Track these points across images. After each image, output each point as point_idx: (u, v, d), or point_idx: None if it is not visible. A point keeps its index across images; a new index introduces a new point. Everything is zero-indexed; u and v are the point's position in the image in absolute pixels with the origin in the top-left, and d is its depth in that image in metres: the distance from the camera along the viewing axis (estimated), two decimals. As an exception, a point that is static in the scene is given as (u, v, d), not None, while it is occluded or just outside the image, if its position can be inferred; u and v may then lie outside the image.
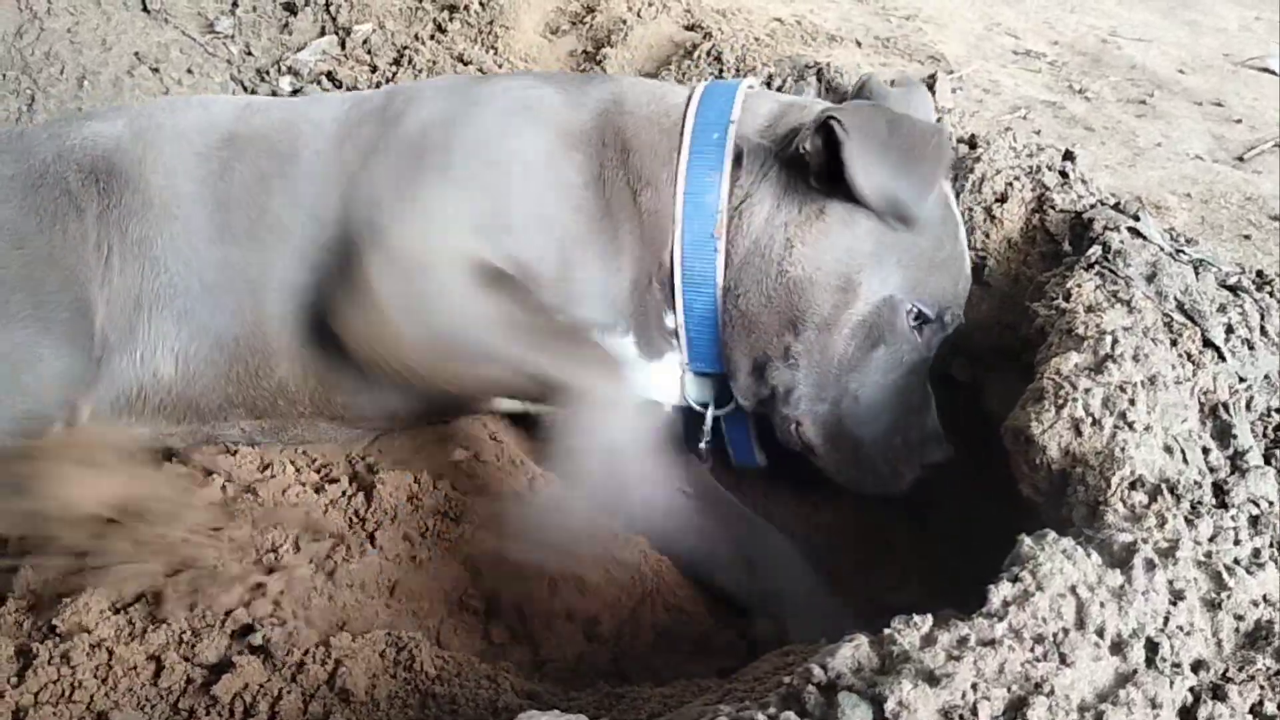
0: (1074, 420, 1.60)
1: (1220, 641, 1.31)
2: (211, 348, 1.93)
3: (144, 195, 1.94)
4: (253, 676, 1.51)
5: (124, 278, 1.90)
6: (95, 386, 1.88)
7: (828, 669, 1.18)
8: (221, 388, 1.95)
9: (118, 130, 2.02)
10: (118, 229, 1.92)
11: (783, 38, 3.36)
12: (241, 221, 1.93)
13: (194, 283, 1.92)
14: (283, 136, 2.00)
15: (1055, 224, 2.16)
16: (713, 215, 1.92)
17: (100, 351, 1.87)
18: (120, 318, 1.90)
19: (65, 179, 1.92)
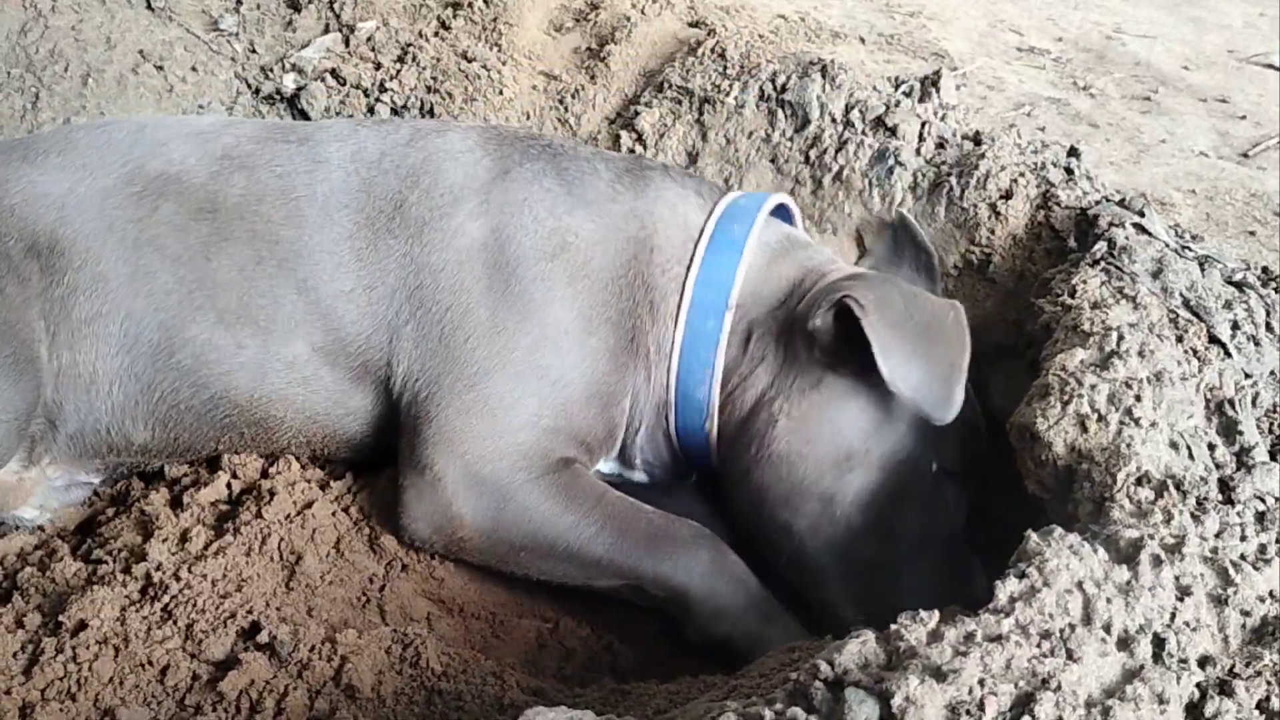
0: (1080, 416, 1.60)
1: (1227, 637, 1.31)
2: (196, 419, 1.85)
3: (94, 269, 1.80)
4: (259, 673, 1.52)
5: (74, 354, 1.79)
6: (53, 441, 1.83)
7: (835, 665, 1.18)
8: (209, 444, 1.90)
9: (60, 191, 1.84)
10: (62, 307, 1.79)
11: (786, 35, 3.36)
12: (232, 305, 1.82)
13: (169, 364, 1.82)
14: (279, 215, 1.86)
15: (1060, 220, 2.15)
16: (702, 408, 1.89)
17: (54, 414, 1.81)
18: (74, 391, 1.81)
19: (4, 242, 1.79)
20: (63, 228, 1.82)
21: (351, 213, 1.88)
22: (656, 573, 1.78)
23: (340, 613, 1.68)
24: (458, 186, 1.91)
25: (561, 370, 1.84)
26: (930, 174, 2.34)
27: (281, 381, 1.85)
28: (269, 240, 1.85)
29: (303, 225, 1.86)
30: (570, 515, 1.79)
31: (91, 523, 1.89)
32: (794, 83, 2.63)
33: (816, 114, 2.55)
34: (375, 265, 1.86)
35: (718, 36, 2.91)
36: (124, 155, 1.90)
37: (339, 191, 1.89)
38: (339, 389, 1.87)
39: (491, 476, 1.78)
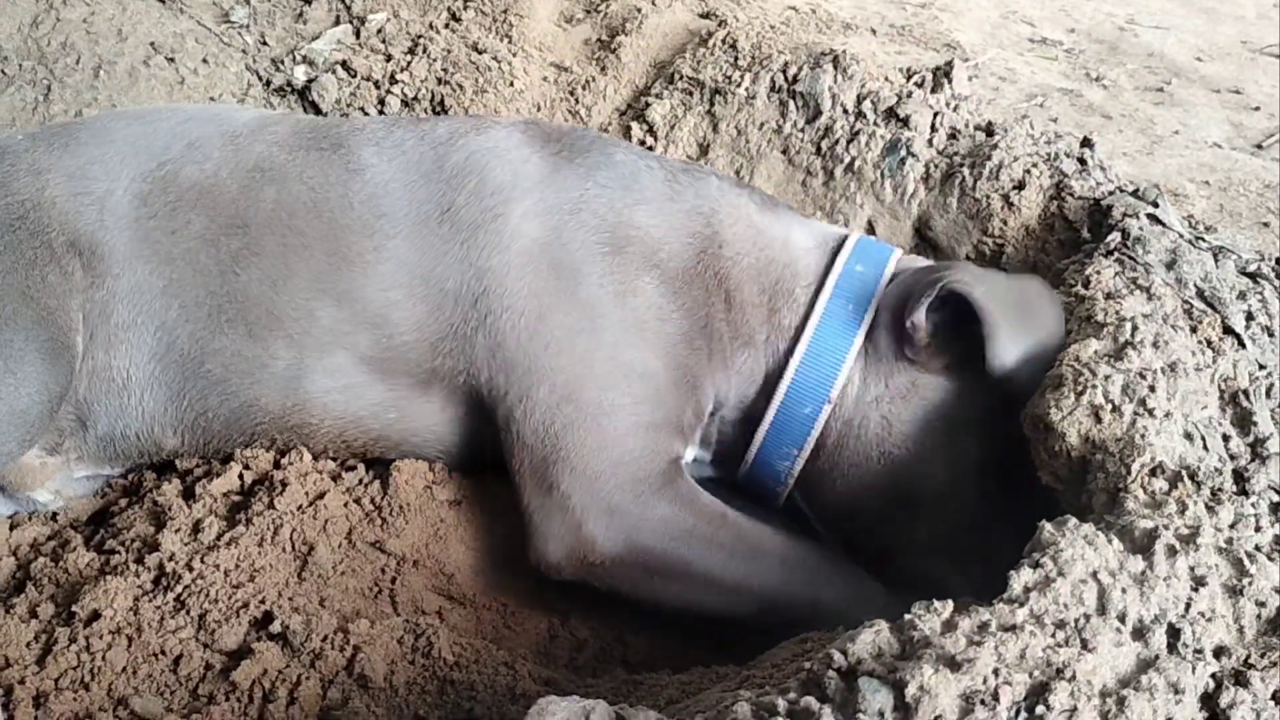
0: (1094, 407, 1.59)
1: (1242, 628, 1.30)
2: (225, 426, 1.85)
3: (131, 279, 1.81)
4: (271, 663, 1.52)
5: (109, 358, 1.80)
6: (82, 438, 1.84)
7: (848, 654, 1.18)
8: (243, 446, 1.89)
9: (100, 193, 1.84)
10: (101, 310, 1.80)
11: (797, 26, 3.35)
12: (263, 318, 1.80)
13: (199, 373, 1.82)
14: (312, 228, 1.83)
15: (1074, 211, 2.15)
16: (810, 424, 1.83)
17: (83, 414, 1.82)
18: (105, 395, 1.81)
19: (47, 233, 1.80)
20: (103, 233, 1.82)
21: (392, 220, 1.84)
22: (795, 599, 1.73)
23: (352, 603, 1.68)
24: (507, 186, 1.87)
25: (645, 361, 1.81)
26: (943, 165, 2.34)
27: (319, 390, 1.84)
28: (302, 253, 1.82)
29: (339, 236, 1.83)
30: (700, 534, 1.75)
31: (104, 513, 1.90)
32: (805, 74, 2.62)
33: (828, 105, 2.54)
34: (428, 272, 1.82)
35: (729, 28, 2.90)
36: (160, 156, 1.89)
37: (377, 199, 1.86)
38: (394, 396, 1.85)
39: (616, 496, 1.74)
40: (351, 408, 1.86)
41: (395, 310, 1.82)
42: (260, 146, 1.91)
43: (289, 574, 1.68)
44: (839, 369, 1.83)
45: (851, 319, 1.86)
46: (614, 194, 1.89)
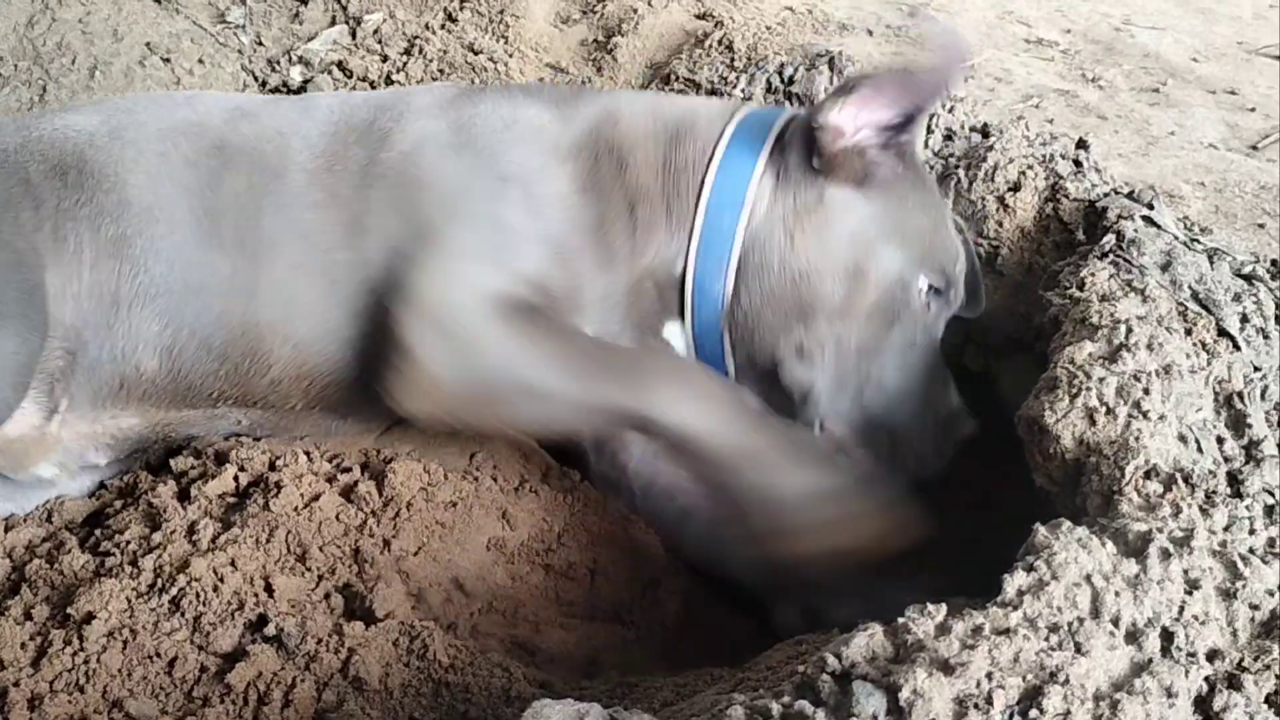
0: (1088, 409, 1.60)
1: (1235, 631, 1.31)
2: (198, 347, 1.89)
3: (120, 194, 1.88)
4: (266, 665, 1.52)
5: (96, 274, 1.85)
6: (71, 376, 1.86)
7: (842, 658, 1.18)
8: (211, 383, 1.93)
9: (92, 125, 1.96)
10: (88, 226, 1.86)
11: (794, 26, 3.35)
12: (230, 231, 1.89)
13: (177, 284, 1.87)
14: (272, 149, 1.96)
15: (1069, 213, 2.15)
16: (731, 232, 1.91)
17: (73, 344, 1.84)
18: (94, 314, 1.85)
19: (25, 168, 1.88)
20: (91, 150, 1.92)
21: (326, 139, 1.97)
22: (641, 400, 1.75)
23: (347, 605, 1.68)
24: (421, 105, 2.02)
25: (509, 215, 1.89)
26: (938, 166, 2.34)
27: (266, 304, 1.89)
28: (261, 169, 1.93)
29: (286, 154, 1.95)
30: (541, 349, 1.78)
31: (99, 515, 1.90)
32: (801, 75, 2.63)
33: (824, 106, 2.54)
34: (342, 174, 1.93)
35: (725, 28, 2.91)
36: (158, 105, 2.07)
37: (321, 123, 2.00)
38: (320, 307, 1.89)
39: (453, 322, 1.79)
40: (293, 327, 1.90)
41: (313, 212, 1.90)
42: (242, 98, 2.17)
43: (284, 576, 1.68)
44: (750, 174, 1.93)
45: (755, 139, 1.96)
46: (515, 97, 2.06)
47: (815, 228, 1.90)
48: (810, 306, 1.89)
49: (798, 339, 1.91)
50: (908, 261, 1.91)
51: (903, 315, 1.92)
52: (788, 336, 1.91)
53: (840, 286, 1.88)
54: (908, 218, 1.93)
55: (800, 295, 1.89)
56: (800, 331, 1.90)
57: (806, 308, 1.89)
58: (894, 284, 1.90)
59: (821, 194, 1.90)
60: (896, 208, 1.93)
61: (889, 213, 1.91)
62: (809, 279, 1.89)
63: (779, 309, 1.90)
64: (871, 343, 1.91)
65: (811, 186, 1.91)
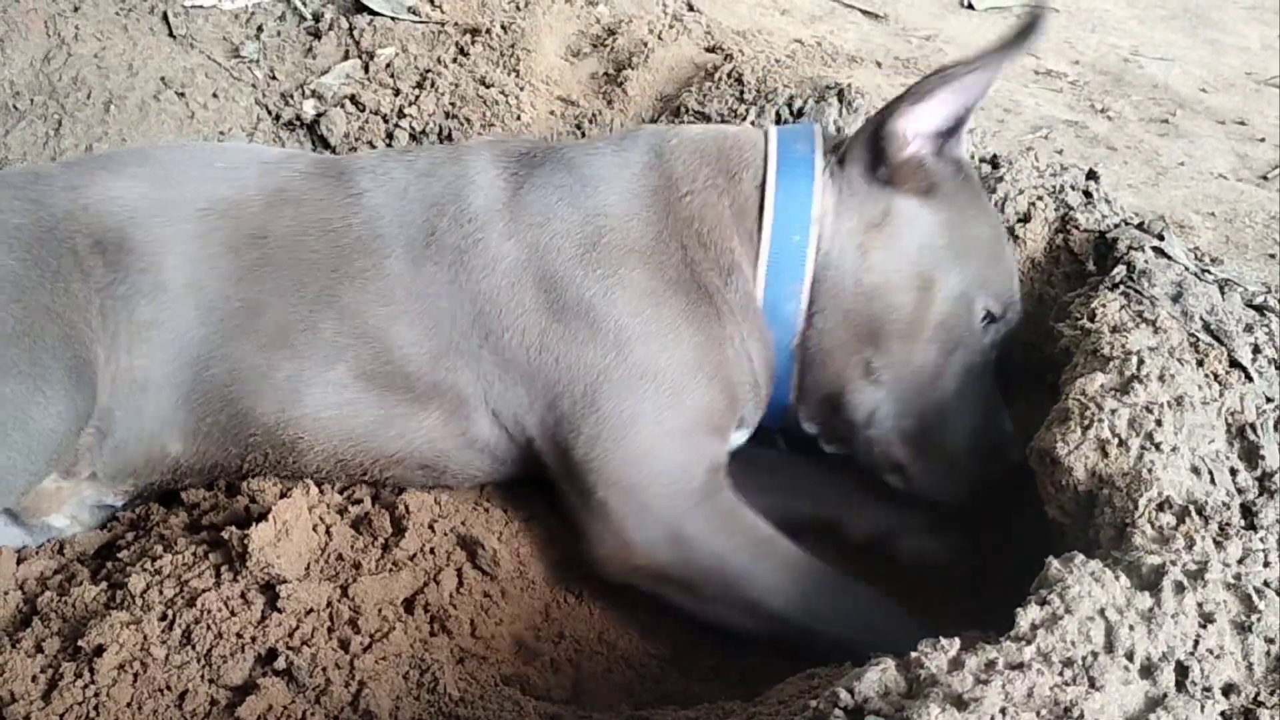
0: (1100, 441, 1.59)
1: (1251, 665, 1.30)
2: (224, 435, 1.86)
3: (156, 278, 1.84)
4: (276, 699, 1.51)
5: (131, 358, 1.82)
6: (97, 451, 1.84)
7: (854, 693, 1.17)
8: (237, 464, 1.90)
9: (135, 196, 1.90)
10: (125, 307, 1.82)
11: (803, 59, 3.37)
12: (271, 328, 1.84)
13: (207, 376, 1.83)
14: (320, 244, 1.89)
15: (1079, 244, 2.15)
16: (801, 251, 1.89)
17: (104, 423, 1.82)
18: (127, 396, 1.82)
19: (73, 240, 1.83)
20: (132, 228, 1.86)
21: (386, 241, 1.90)
22: (835, 635, 1.73)
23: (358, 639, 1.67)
24: (481, 211, 1.92)
25: (654, 359, 1.83)
26: (948, 198, 2.33)
27: (315, 405, 1.85)
28: (311, 267, 1.87)
29: (341, 254, 1.88)
30: (740, 558, 1.78)
31: (110, 547, 1.90)
32: (811, 107, 2.64)
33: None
34: (422, 292, 1.87)
35: (734, 61, 2.92)
36: (199, 173, 1.97)
37: (372, 221, 1.92)
38: (391, 411, 1.87)
39: (652, 504, 1.79)
40: (347, 424, 1.87)
41: (393, 325, 1.85)
42: (285, 173, 2.00)
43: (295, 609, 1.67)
44: (810, 189, 1.90)
45: (804, 153, 1.94)
46: (573, 192, 1.94)
47: (886, 241, 1.88)
48: (881, 323, 1.88)
49: (866, 358, 1.90)
50: (970, 279, 1.90)
51: (965, 337, 1.91)
52: (858, 357, 1.90)
53: (910, 299, 1.87)
54: (970, 230, 1.93)
55: (874, 311, 1.88)
56: (870, 350, 1.89)
57: (878, 325, 1.88)
58: (958, 300, 1.89)
59: (889, 206, 1.89)
60: (959, 218, 1.92)
61: (953, 224, 1.90)
62: (882, 294, 1.87)
63: (851, 327, 1.89)
64: (935, 363, 1.91)
65: (878, 199, 1.89)
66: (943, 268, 1.89)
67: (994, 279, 1.94)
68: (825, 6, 4.33)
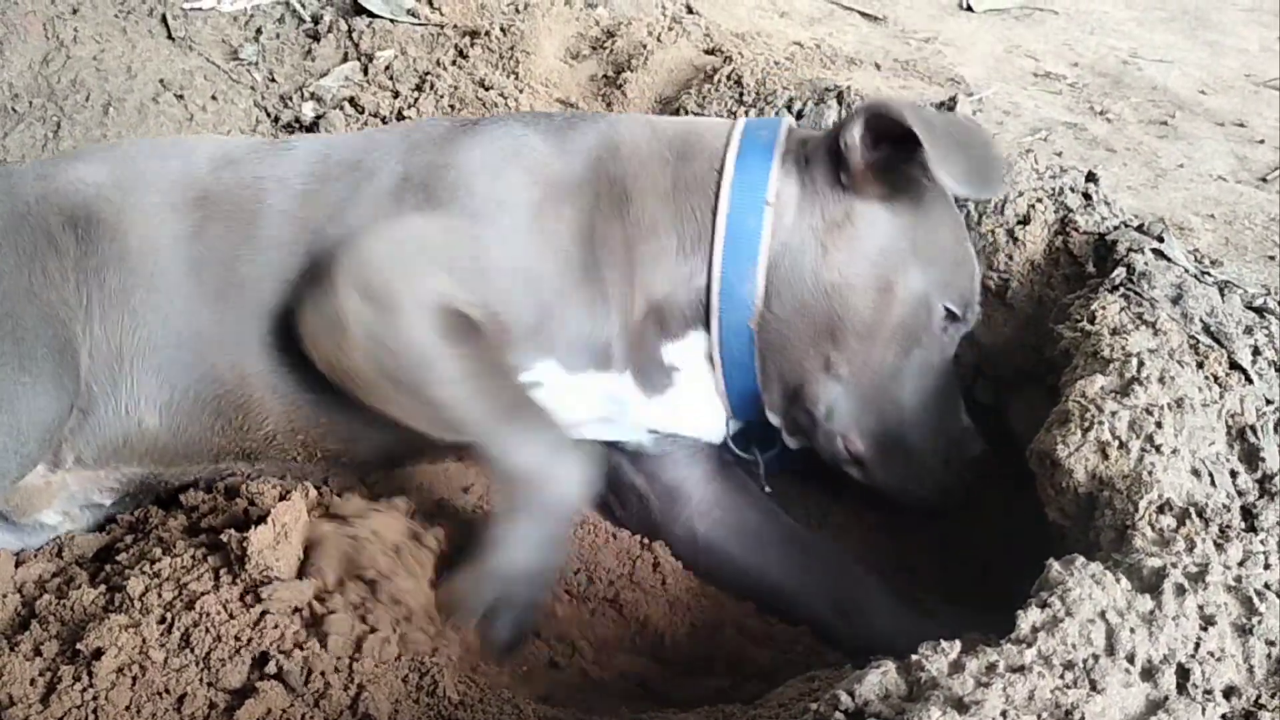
0: (1100, 443, 1.59)
1: (1252, 667, 1.30)
2: (193, 404, 1.89)
3: (121, 245, 1.89)
4: (275, 702, 1.51)
5: (104, 328, 1.85)
6: (79, 433, 1.86)
7: (855, 696, 1.17)
8: (209, 439, 1.91)
9: (100, 176, 1.96)
10: (95, 278, 1.86)
11: (802, 61, 3.37)
12: (212, 283, 1.88)
13: (170, 338, 1.87)
14: (248, 195, 1.94)
15: (1078, 246, 2.15)
16: (756, 234, 1.89)
17: (84, 401, 1.84)
18: (102, 369, 1.85)
19: (46, 220, 1.88)
20: (99, 201, 1.92)
21: (305, 178, 1.96)
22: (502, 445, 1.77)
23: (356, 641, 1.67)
24: (415, 140, 2.00)
25: (500, 247, 1.87)
26: (947, 200, 2.34)
27: (251, 355, 1.88)
28: (239, 217, 1.92)
29: (263, 197, 1.94)
30: (444, 351, 1.77)
31: (109, 550, 1.89)
32: (810, 109, 2.63)
33: (833, 140, 2.55)
34: (320, 207, 1.91)
35: (734, 63, 2.92)
36: (161, 155, 2.05)
37: (301, 163, 1.99)
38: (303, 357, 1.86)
39: (381, 286, 1.78)
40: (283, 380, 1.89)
41: (287, 254, 1.88)
42: (232, 144, 2.11)
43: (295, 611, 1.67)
44: (767, 176, 1.91)
45: (764, 143, 1.96)
46: (510, 126, 2.01)
47: (847, 243, 1.89)
48: (840, 321, 1.89)
49: (825, 353, 1.90)
50: (931, 281, 1.91)
51: (923, 337, 1.92)
52: (816, 349, 1.91)
53: (870, 301, 1.88)
54: (932, 233, 1.93)
55: (832, 308, 1.88)
56: (828, 346, 1.90)
57: (837, 321, 1.89)
58: (918, 302, 1.90)
59: (850, 209, 1.90)
60: (922, 223, 1.92)
61: (915, 228, 1.91)
62: (841, 292, 1.88)
63: (810, 320, 1.90)
64: (894, 362, 1.91)
65: (840, 201, 1.90)
66: (903, 271, 1.89)
67: (955, 281, 1.95)
68: (824, 9, 4.33)
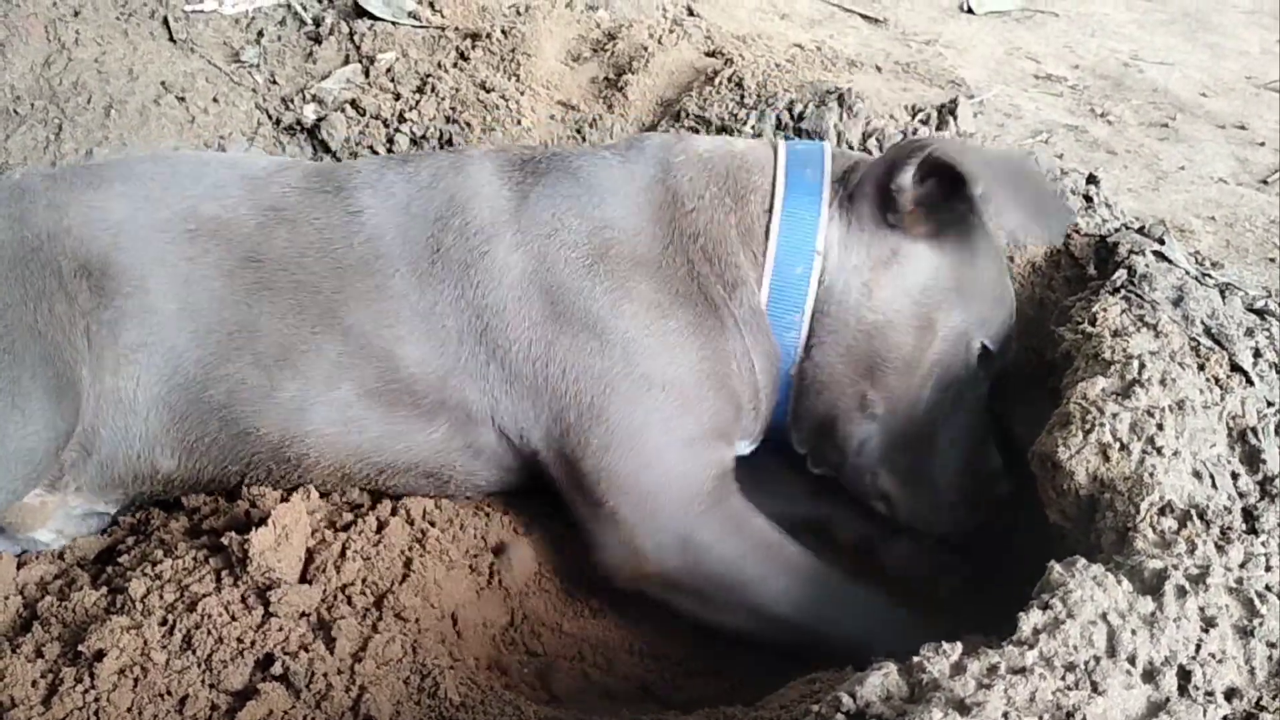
0: (1102, 445, 1.59)
1: (1253, 669, 1.30)
2: (222, 453, 1.87)
3: (142, 302, 1.83)
4: (277, 704, 1.51)
5: (118, 380, 1.81)
6: (82, 469, 1.84)
7: (857, 697, 1.17)
8: (234, 477, 1.91)
9: (118, 217, 1.87)
10: (109, 331, 1.81)
11: (803, 64, 3.36)
12: (271, 350, 1.83)
13: (203, 397, 1.83)
14: (320, 266, 1.87)
15: (1080, 248, 2.15)
16: (804, 283, 1.88)
17: (88, 442, 1.82)
18: (113, 416, 1.82)
19: (57, 262, 1.82)
20: (117, 253, 1.85)
21: (390, 260, 1.88)
22: (842, 639, 1.74)
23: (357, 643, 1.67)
24: (488, 224, 1.91)
25: (662, 370, 1.84)
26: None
27: (321, 422, 1.85)
28: (311, 290, 1.86)
29: (344, 275, 1.87)
30: (751, 564, 1.79)
31: (111, 552, 1.90)
32: (811, 111, 2.64)
33: (834, 142, 2.55)
34: (428, 310, 1.86)
35: (735, 66, 2.92)
36: (184, 191, 1.94)
37: (374, 240, 1.90)
38: (396, 427, 1.87)
39: (662, 510, 1.80)
40: (353, 440, 1.87)
41: (399, 345, 1.85)
42: (275, 188, 1.97)
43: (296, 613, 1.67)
44: (816, 222, 1.90)
45: (813, 181, 1.94)
46: (581, 202, 1.93)
47: (892, 280, 1.88)
48: (881, 359, 1.88)
49: (862, 391, 1.90)
50: (971, 319, 1.91)
51: (961, 374, 1.91)
52: (853, 389, 1.90)
53: (911, 338, 1.88)
54: (975, 270, 1.92)
55: (874, 348, 1.88)
56: (866, 385, 1.90)
57: (878, 360, 1.88)
58: (958, 340, 1.90)
59: (897, 248, 1.89)
60: (965, 259, 1.92)
61: (960, 265, 1.90)
62: (884, 331, 1.88)
63: (851, 362, 1.89)
64: (929, 400, 1.91)
65: (886, 239, 1.89)
66: (945, 308, 1.89)
67: (993, 319, 1.95)
68: (825, 11, 4.34)
